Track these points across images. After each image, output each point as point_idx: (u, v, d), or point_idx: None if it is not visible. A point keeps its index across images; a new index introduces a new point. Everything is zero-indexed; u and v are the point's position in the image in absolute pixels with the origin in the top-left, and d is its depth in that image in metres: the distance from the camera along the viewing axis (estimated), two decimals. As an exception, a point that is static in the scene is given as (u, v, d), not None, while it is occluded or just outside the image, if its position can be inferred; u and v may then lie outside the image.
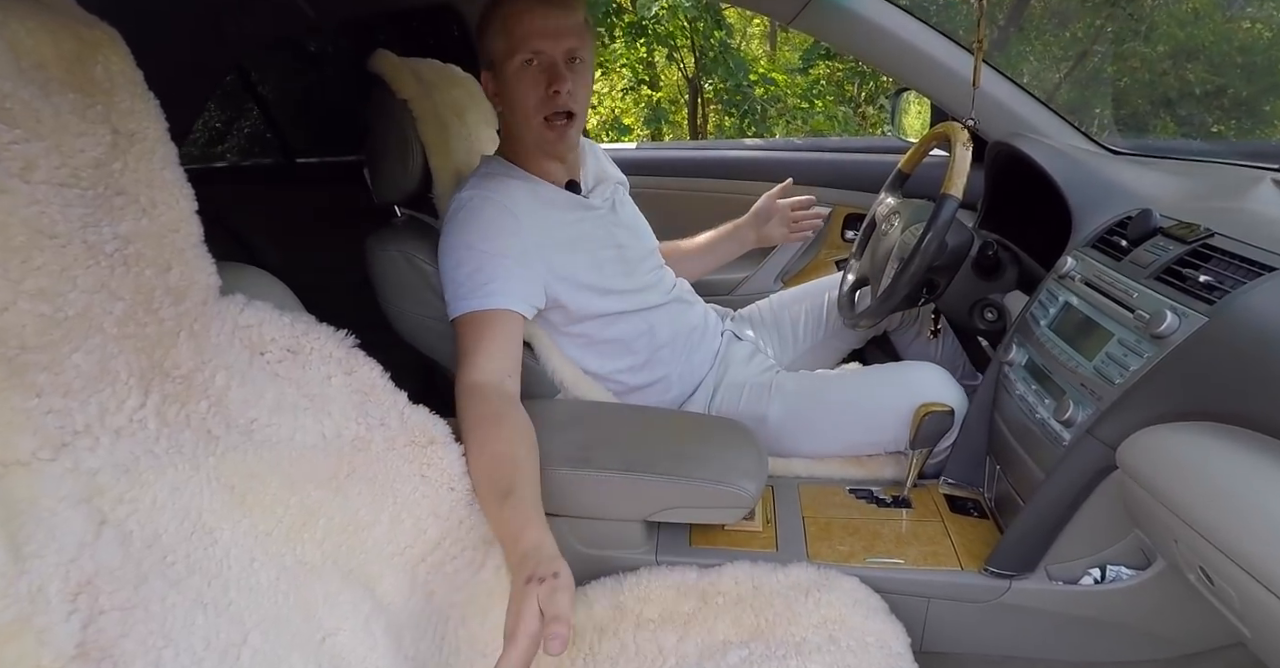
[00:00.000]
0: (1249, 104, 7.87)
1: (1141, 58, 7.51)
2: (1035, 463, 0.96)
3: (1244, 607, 0.70)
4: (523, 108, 1.12)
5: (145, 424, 0.73)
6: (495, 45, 1.12)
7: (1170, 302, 0.83)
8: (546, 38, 1.09)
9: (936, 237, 1.07)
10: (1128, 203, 1.03)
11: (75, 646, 0.60)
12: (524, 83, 1.11)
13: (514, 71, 1.11)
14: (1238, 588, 0.69)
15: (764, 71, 5.61)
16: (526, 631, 0.75)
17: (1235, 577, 0.69)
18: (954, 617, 0.98)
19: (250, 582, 0.75)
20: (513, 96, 1.13)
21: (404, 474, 0.92)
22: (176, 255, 0.78)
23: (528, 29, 1.09)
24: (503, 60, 1.12)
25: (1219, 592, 0.73)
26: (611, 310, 1.19)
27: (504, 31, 1.10)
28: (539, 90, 1.10)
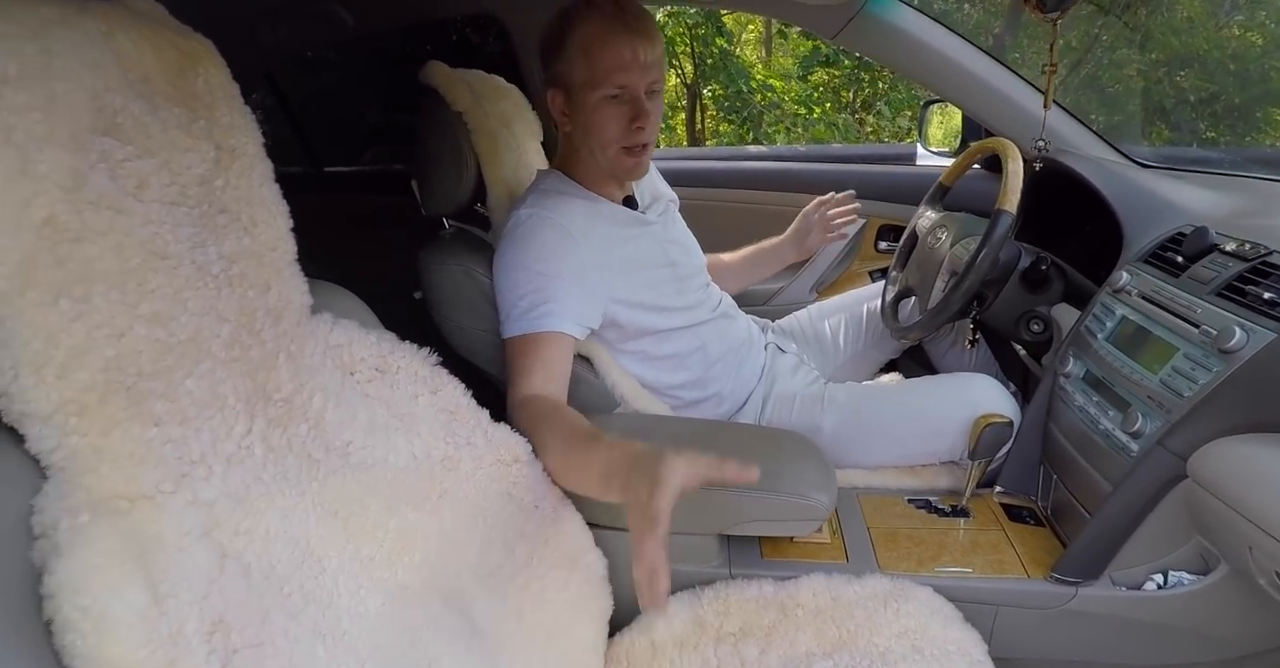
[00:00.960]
0: (1242, 111, 8.23)
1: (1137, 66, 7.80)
2: (1099, 473, 0.99)
3: None
4: (601, 138, 1.11)
5: (252, 450, 0.71)
6: (574, 71, 1.09)
7: (1236, 318, 0.87)
8: (634, 72, 1.07)
9: (992, 252, 1.09)
10: (1178, 219, 1.07)
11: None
12: (606, 115, 1.09)
13: (595, 102, 1.08)
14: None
15: (762, 78, 5.66)
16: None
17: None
18: (1021, 623, 1.00)
19: (360, 610, 0.74)
20: (591, 126, 1.10)
21: (492, 494, 0.91)
22: (275, 274, 0.76)
23: (614, 62, 1.06)
24: (583, 88, 1.09)
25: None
26: (665, 327, 1.20)
27: (586, 59, 1.07)
28: (621, 124, 1.09)
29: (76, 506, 0.57)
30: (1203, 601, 0.94)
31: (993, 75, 1.36)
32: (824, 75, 5.83)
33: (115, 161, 0.61)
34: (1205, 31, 8.30)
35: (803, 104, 5.74)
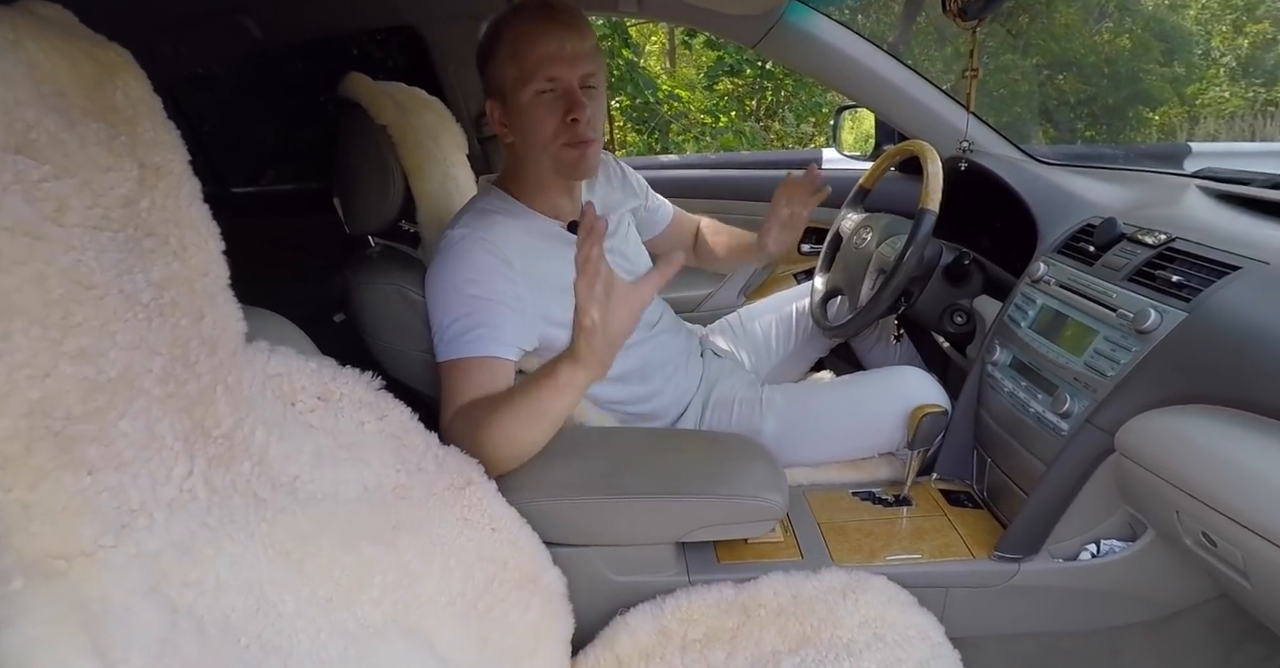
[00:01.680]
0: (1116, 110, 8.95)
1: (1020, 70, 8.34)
2: (1032, 453, 1.04)
3: (1248, 563, 0.79)
4: (539, 137, 1.08)
5: (195, 494, 0.66)
6: (504, 73, 1.07)
7: (1149, 300, 0.93)
8: (562, 64, 1.04)
9: (918, 250, 1.14)
10: (1087, 211, 1.14)
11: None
12: (540, 111, 1.06)
13: (529, 100, 1.06)
14: (1242, 547, 0.78)
15: (669, 88, 5.71)
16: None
17: (1239, 537, 0.78)
18: (971, 603, 1.04)
19: (321, 655, 0.70)
20: (527, 126, 1.08)
21: (448, 520, 0.88)
22: (208, 301, 0.70)
23: (541, 55, 1.04)
24: (514, 89, 1.06)
25: (1223, 552, 0.82)
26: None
27: (514, 58, 1.05)
28: (556, 118, 1.06)
29: (7, 570, 0.51)
30: (1133, 565, 1.00)
31: (905, 81, 1.43)
32: (729, 84, 5.96)
33: (31, 182, 0.56)
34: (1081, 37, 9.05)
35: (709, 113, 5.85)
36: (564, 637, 0.97)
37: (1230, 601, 1.04)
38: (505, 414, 0.95)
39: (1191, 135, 8.95)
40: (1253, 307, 0.83)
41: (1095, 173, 1.35)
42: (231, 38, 1.36)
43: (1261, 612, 0.88)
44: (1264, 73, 10.51)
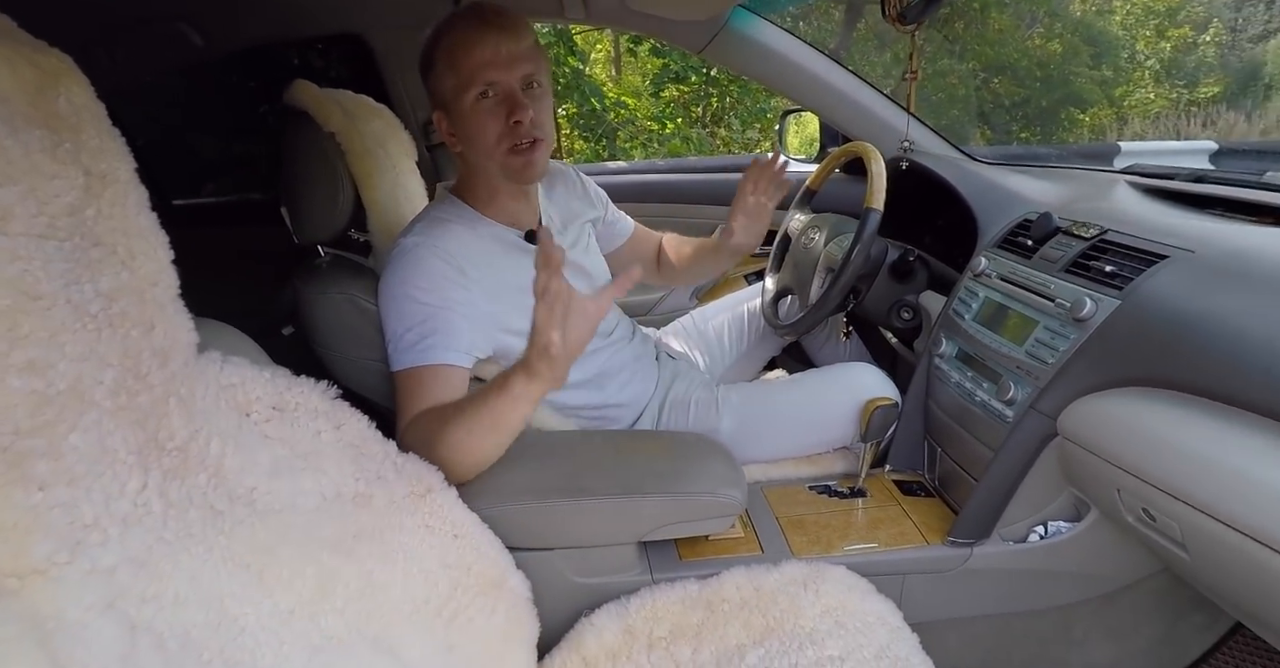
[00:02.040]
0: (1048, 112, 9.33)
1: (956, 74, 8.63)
2: (979, 441, 1.08)
3: (1186, 535, 0.83)
4: (484, 143, 1.07)
5: (150, 508, 0.65)
6: (444, 82, 1.06)
7: (1085, 290, 0.97)
8: (499, 67, 1.04)
9: (865, 248, 1.17)
10: (1024, 207, 1.19)
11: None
12: (481, 117, 1.05)
13: (469, 107, 1.05)
14: (1180, 520, 0.82)
15: (615, 96, 5.72)
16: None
17: (1177, 511, 0.82)
18: (927, 588, 1.07)
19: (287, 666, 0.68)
20: (471, 133, 1.07)
21: (409, 527, 0.87)
22: (158, 312, 0.69)
23: (477, 60, 1.03)
24: (455, 97, 1.06)
25: (1162, 527, 0.86)
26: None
27: (451, 66, 1.04)
28: (499, 123, 1.05)
29: (-43, 590, 0.50)
30: (1079, 545, 1.04)
31: (847, 85, 1.47)
32: (674, 92, 6.03)
33: (-29, 190, 0.55)
34: (1014, 42, 9.47)
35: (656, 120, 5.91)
36: (530, 641, 0.97)
37: (1172, 574, 1.09)
38: (460, 424, 0.94)
39: (1120, 135, 9.40)
40: (1180, 293, 0.88)
41: (1031, 171, 1.40)
42: (170, 46, 1.33)
43: (1200, 582, 0.93)
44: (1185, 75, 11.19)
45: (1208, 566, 0.84)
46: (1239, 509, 0.74)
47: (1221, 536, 0.77)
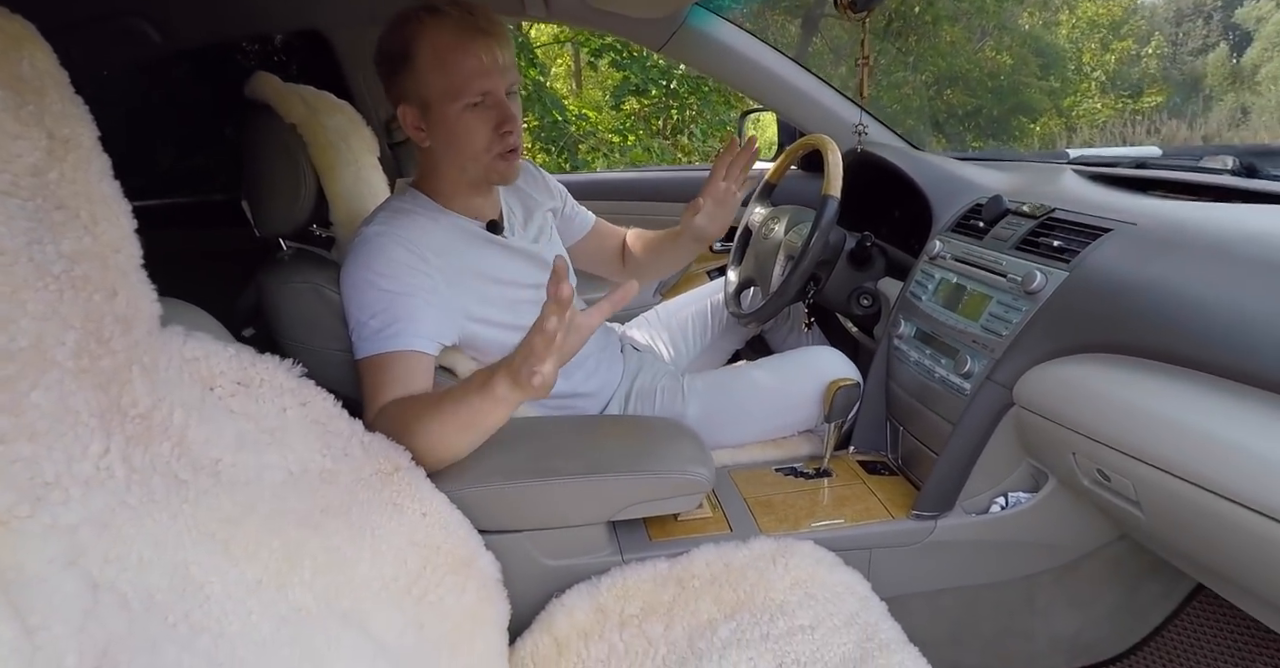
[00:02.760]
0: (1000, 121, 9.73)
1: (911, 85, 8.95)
2: (940, 415, 1.10)
3: (1140, 492, 0.86)
4: (470, 149, 1.07)
5: (113, 472, 0.64)
6: (429, 83, 1.04)
7: (1035, 264, 1.01)
8: (493, 76, 1.04)
9: (823, 234, 1.20)
10: (976, 193, 1.23)
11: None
12: (471, 124, 1.05)
13: (458, 113, 1.05)
14: (1133, 477, 0.85)
15: (576, 109, 5.78)
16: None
17: (1130, 469, 0.85)
18: (894, 562, 1.09)
19: (254, 637, 0.68)
20: (457, 137, 1.07)
21: (376, 505, 0.87)
22: (121, 279, 0.69)
23: (473, 69, 1.02)
24: (441, 100, 1.04)
25: (1116, 486, 0.89)
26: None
27: (442, 69, 1.03)
28: (488, 131, 1.06)
29: (-85, 537, 0.49)
30: (1038, 514, 1.07)
31: (803, 82, 1.51)
32: (635, 104, 6.12)
33: (-67, 147, 0.55)
34: (965, 53, 9.91)
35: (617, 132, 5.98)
36: (500, 623, 0.97)
37: (1128, 543, 1.12)
38: (435, 418, 0.94)
39: (1070, 143, 9.79)
40: (1124, 262, 0.92)
41: (984, 164, 1.45)
42: (127, 41, 1.32)
43: (1157, 541, 0.96)
44: (1130, 85, 11.84)
45: (1163, 522, 0.87)
46: (1188, 461, 0.77)
47: (1174, 489, 0.80)
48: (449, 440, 0.95)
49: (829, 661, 0.88)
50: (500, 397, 0.90)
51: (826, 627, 0.91)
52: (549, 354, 0.84)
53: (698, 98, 5.78)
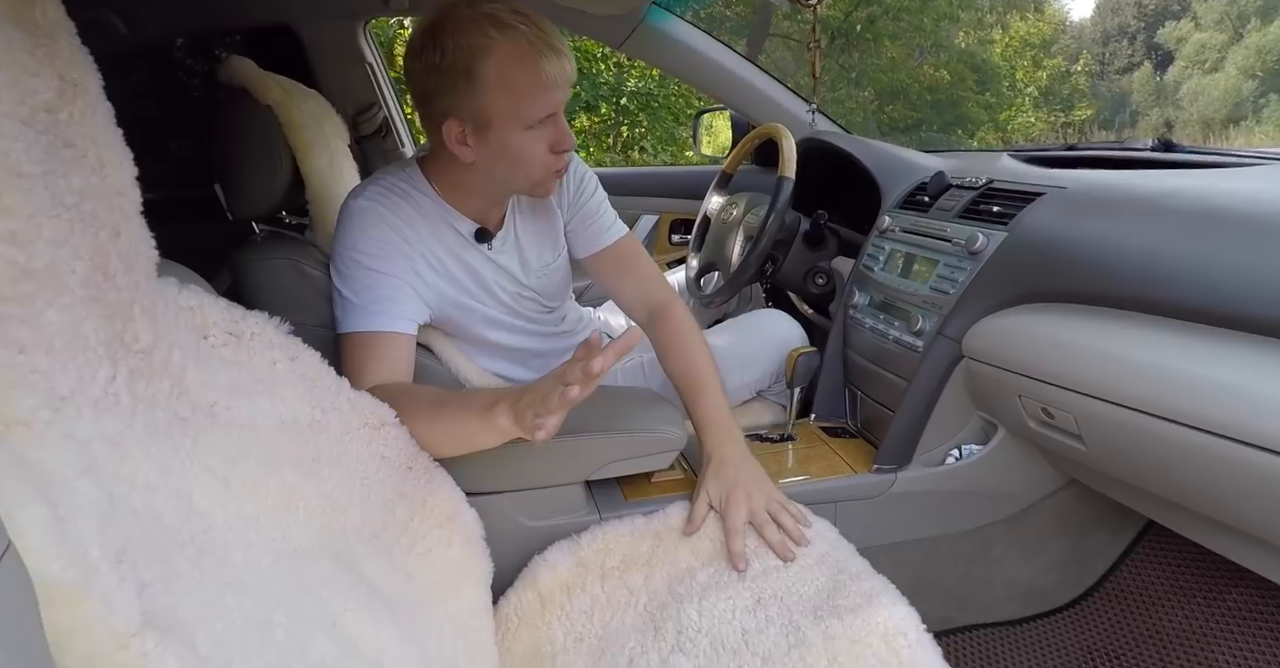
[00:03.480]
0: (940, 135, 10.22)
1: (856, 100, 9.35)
2: (895, 374, 1.17)
3: (1081, 425, 0.93)
4: (525, 168, 1.03)
5: (119, 399, 0.66)
6: (495, 103, 0.97)
7: (977, 228, 1.09)
8: (561, 91, 0.99)
9: (780, 214, 1.27)
10: (921, 172, 1.33)
11: (141, 613, 0.53)
12: (532, 144, 1.01)
13: (522, 132, 0.99)
14: (1074, 410, 0.93)
15: None
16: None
17: (1071, 402, 0.92)
18: (858, 515, 1.15)
19: (255, 567, 0.70)
20: (515, 158, 1.02)
21: (365, 456, 0.90)
22: (124, 221, 0.71)
23: (545, 87, 0.97)
24: (506, 120, 0.98)
25: (1059, 422, 0.97)
26: (500, 341, 1.21)
27: (512, 89, 0.96)
28: (544, 150, 1.02)
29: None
30: (990, 464, 1.14)
31: (756, 78, 1.61)
32: (586, 121, 6.24)
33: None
34: (906, 70, 10.47)
35: (570, 148, 6.07)
36: (485, 578, 0.99)
37: (1074, 492, 1.20)
38: (429, 423, 0.95)
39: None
40: (1056, 220, 1.01)
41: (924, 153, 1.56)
42: (96, 34, 1.32)
43: (1098, 474, 1.04)
44: (1061, 100, 12.71)
45: (1102, 451, 0.95)
46: (1121, 386, 0.85)
47: (1110, 415, 0.88)
48: (433, 444, 0.97)
49: (804, 593, 0.93)
50: (500, 428, 0.88)
51: (800, 565, 0.96)
52: (560, 410, 0.81)
53: (648, 115, 5.94)
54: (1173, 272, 0.84)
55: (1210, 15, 23.59)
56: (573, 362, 0.78)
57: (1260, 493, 0.75)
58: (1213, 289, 0.79)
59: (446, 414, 0.95)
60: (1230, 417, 0.75)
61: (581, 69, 5.39)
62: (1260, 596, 1.13)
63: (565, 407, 0.80)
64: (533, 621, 1.00)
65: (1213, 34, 23.14)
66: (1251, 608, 1.13)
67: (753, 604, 0.93)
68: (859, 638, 0.85)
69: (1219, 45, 22.74)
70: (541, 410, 0.82)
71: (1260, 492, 0.75)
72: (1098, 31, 25.78)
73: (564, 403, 0.79)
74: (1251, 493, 0.77)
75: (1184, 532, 1.00)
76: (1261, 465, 0.73)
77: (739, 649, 0.89)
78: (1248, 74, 21.19)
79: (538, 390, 0.84)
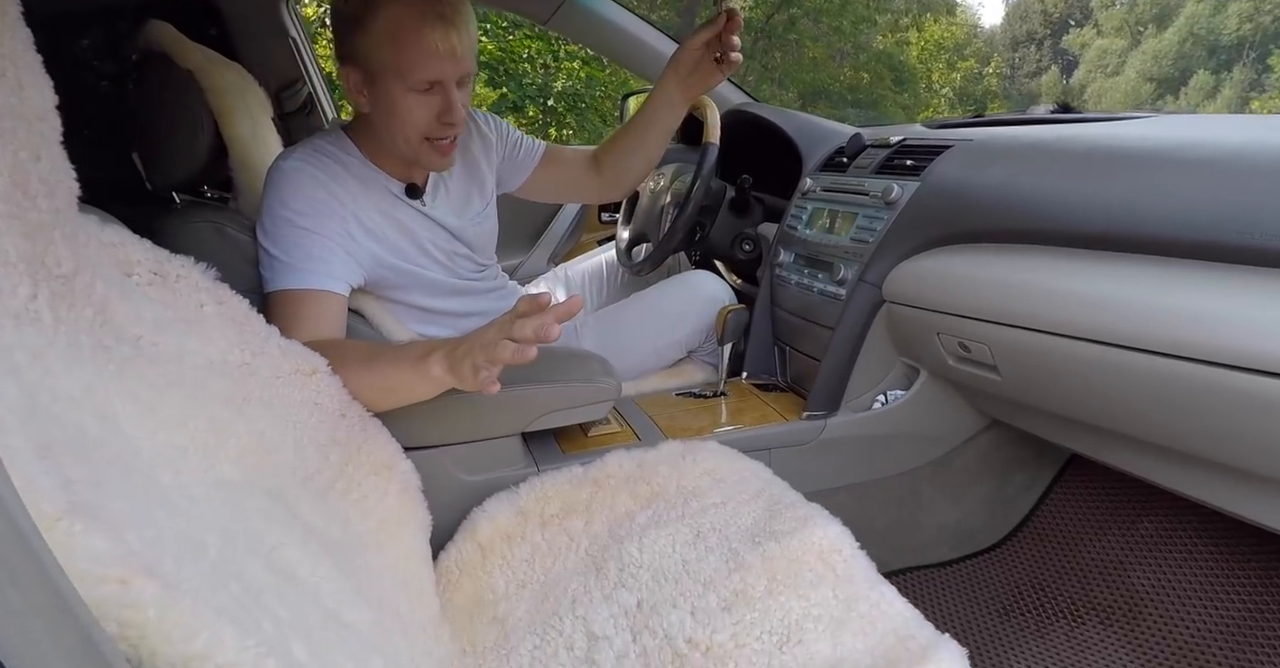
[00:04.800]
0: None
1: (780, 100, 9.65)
2: (821, 325, 1.22)
3: (995, 355, 0.99)
4: (405, 129, 1.05)
5: (40, 316, 0.64)
6: (378, 54, 1.01)
7: (892, 181, 1.15)
8: (447, 63, 1.01)
9: (706, 179, 1.31)
10: (839, 137, 1.39)
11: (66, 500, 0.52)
12: (411, 105, 1.03)
13: (402, 92, 1.02)
14: (989, 341, 0.98)
15: None
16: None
17: (984, 333, 0.98)
18: (792, 461, 1.18)
19: (187, 492, 0.69)
20: (395, 115, 1.04)
21: (297, 401, 0.88)
22: (45, 146, 0.70)
23: (428, 53, 0.99)
24: (386, 75, 1.02)
25: (976, 355, 1.02)
26: (432, 305, 1.22)
27: (394, 46, 1.00)
28: (428, 116, 1.04)
29: None
30: (914, 407, 1.19)
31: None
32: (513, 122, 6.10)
33: None
34: (828, 70, 10.92)
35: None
36: (423, 529, 0.98)
37: (994, 434, 1.26)
38: (361, 373, 0.94)
39: None
40: (964, 168, 1.08)
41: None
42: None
43: (1015, 405, 1.09)
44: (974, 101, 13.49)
45: (1017, 379, 1.00)
46: (1031, 310, 0.91)
47: (1024, 342, 0.93)
48: (366, 396, 0.96)
49: (741, 524, 0.95)
50: (433, 377, 0.89)
51: (736, 501, 0.99)
52: (500, 362, 0.81)
53: (575, 116, 6.00)
54: (1070, 205, 0.91)
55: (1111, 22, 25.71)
56: (521, 319, 0.80)
57: (1161, 396, 0.81)
58: (1108, 217, 0.86)
59: (379, 365, 0.95)
60: (1125, 327, 0.81)
61: (508, 70, 5.42)
62: (1170, 521, 1.21)
63: (513, 362, 0.80)
64: (474, 571, 0.99)
65: (1113, 40, 25.32)
66: (1163, 534, 1.21)
67: (692, 538, 0.95)
68: (796, 557, 0.87)
69: (1119, 50, 24.92)
70: (481, 359, 0.83)
71: (1161, 395, 0.81)
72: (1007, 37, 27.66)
73: (517, 359, 0.80)
74: (1153, 397, 0.83)
75: (1098, 455, 1.06)
76: (1159, 371, 0.79)
77: (680, 578, 0.90)
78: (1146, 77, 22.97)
79: (476, 341, 0.84)
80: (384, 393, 0.96)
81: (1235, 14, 21.92)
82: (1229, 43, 22.20)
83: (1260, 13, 21.51)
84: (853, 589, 0.82)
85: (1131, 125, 1.07)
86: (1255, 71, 21.18)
